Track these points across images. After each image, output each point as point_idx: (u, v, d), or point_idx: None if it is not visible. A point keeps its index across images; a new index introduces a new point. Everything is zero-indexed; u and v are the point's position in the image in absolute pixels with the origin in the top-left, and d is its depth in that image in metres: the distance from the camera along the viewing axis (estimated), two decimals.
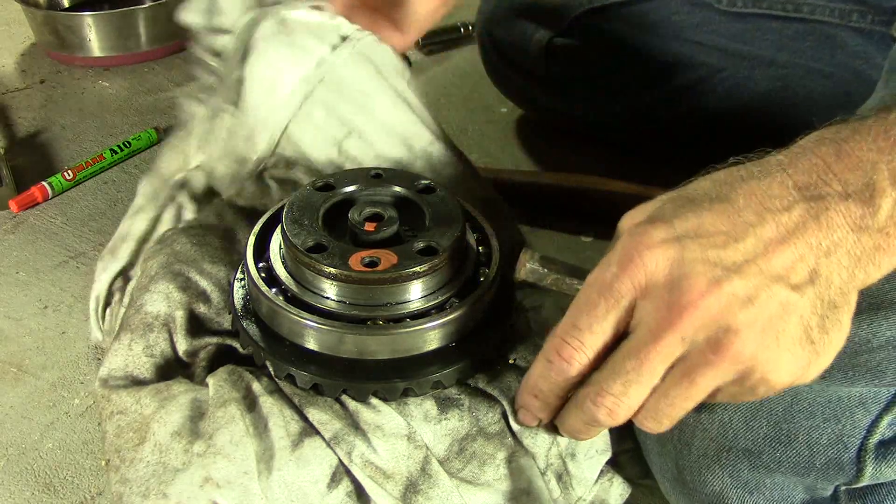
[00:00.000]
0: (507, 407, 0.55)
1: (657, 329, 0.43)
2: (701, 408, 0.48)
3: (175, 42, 1.39)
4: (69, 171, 1.06)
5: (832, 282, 0.43)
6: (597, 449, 0.56)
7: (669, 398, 0.45)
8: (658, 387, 0.45)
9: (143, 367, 0.57)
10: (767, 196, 0.44)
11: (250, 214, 0.66)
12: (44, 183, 1.04)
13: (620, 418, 0.46)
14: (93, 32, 1.31)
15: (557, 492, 0.55)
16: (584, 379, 0.47)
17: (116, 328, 0.61)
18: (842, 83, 0.94)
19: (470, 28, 1.41)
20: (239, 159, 0.70)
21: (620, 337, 0.46)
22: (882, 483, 0.50)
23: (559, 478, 0.55)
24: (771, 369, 0.43)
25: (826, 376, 0.46)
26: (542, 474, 0.54)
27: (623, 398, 0.45)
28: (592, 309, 0.45)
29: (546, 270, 0.50)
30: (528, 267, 0.50)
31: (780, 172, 0.44)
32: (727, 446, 0.51)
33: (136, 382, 0.56)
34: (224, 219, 0.67)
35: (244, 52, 0.70)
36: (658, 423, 0.46)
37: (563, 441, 0.55)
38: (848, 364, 0.48)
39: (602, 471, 0.57)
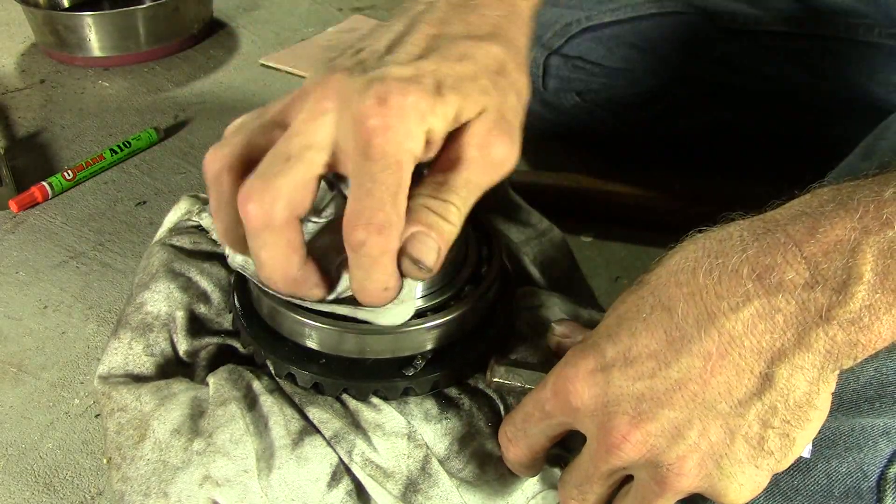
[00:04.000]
0: (506, 407, 0.55)
1: (594, 458, 0.44)
2: None
3: (175, 42, 1.39)
4: (69, 171, 1.06)
5: (794, 385, 0.39)
6: None
7: None
8: (624, 502, 0.45)
9: (144, 365, 0.57)
10: (715, 294, 0.39)
11: None
12: (44, 183, 1.04)
13: None
14: (93, 32, 1.31)
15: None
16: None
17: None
18: (844, 98, 0.93)
19: None
20: None
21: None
22: None
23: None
24: (721, 493, 0.41)
25: (853, 408, 0.45)
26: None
27: (583, 502, 0.47)
28: (527, 417, 0.47)
29: (512, 382, 0.52)
30: (495, 383, 0.52)
31: (738, 255, 0.39)
32: None
33: (137, 380, 0.56)
34: None
35: None
36: None
37: None
38: (875, 396, 0.47)
39: None
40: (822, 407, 0.40)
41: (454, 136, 0.45)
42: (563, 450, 0.53)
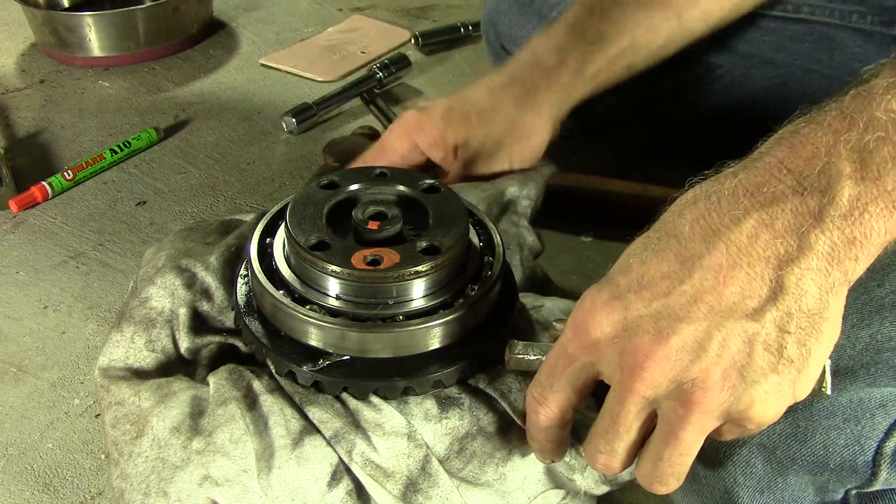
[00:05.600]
0: (507, 407, 0.55)
1: (619, 392, 0.44)
2: None
3: (175, 42, 1.39)
4: (69, 171, 1.06)
5: (804, 289, 0.40)
6: None
7: (665, 459, 0.44)
8: (649, 449, 0.45)
9: (145, 360, 0.57)
10: (717, 213, 0.42)
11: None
12: (44, 183, 1.04)
13: (618, 469, 0.47)
14: (93, 32, 1.31)
15: (570, 462, 0.55)
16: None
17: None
18: (840, 84, 0.94)
19: (470, 28, 1.42)
20: None
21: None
22: (894, 489, 0.49)
23: (574, 449, 0.55)
24: (747, 407, 0.42)
25: (849, 374, 0.46)
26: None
27: (612, 454, 0.47)
28: (552, 370, 0.47)
29: (532, 357, 0.52)
30: (514, 359, 0.52)
31: (731, 180, 0.42)
32: (742, 441, 0.51)
33: (137, 374, 0.56)
34: (234, 220, 0.67)
35: None
36: (666, 485, 0.46)
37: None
38: (871, 361, 0.48)
39: None
40: (834, 321, 0.41)
41: None
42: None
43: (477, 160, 0.78)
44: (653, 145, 1.08)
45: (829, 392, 0.44)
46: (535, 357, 0.51)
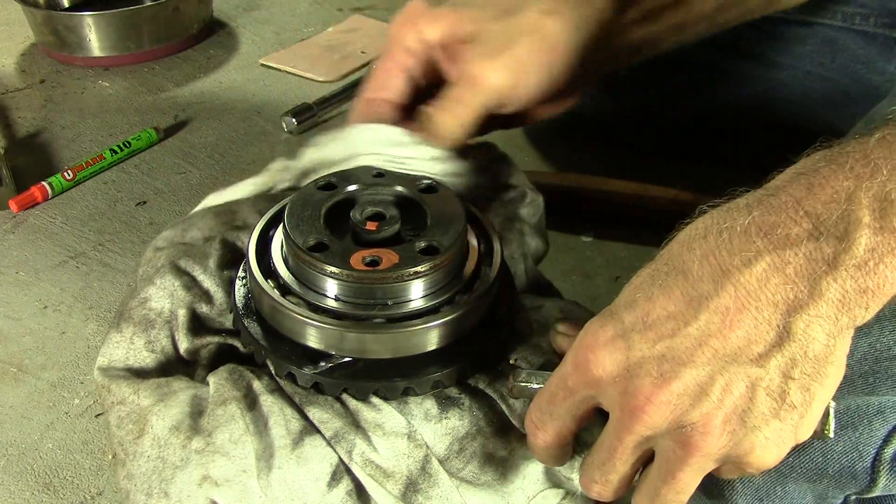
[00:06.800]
0: (505, 409, 0.55)
1: (617, 429, 0.44)
2: None
3: (175, 42, 1.39)
4: (69, 171, 1.06)
5: (812, 336, 0.40)
6: None
7: (661, 496, 0.44)
8: (647, 483, 0.45)
9: (144, 361, 0.57)
10: (727, 252, 0.41)
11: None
12: (44, 183, 1.04)
13: (611, 497, 0.47)
14: (93, 32, 1.31)
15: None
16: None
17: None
18: (841, 86, 0.94)
19: None
20: None
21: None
22: (893, 495, 0.49)
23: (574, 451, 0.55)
24: (747, 452, 0.42)
25: (848, 383, 0.45)
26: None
27: (606, 484, 0.47)
28: (552, 398, 0.47)
29: (535, 386, 0.52)
30: (517, 387, 0.52)
31: (745, 217, 0.41)
32: None
33: (137, 374, 0.56)
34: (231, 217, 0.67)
35: None
36: None
37: None
38: (869, 371, 0.47)
39: None
40: (839, 363, 0.41)
41: None
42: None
43: (484, 60, 0.65)
44: (653, 145, 1.08)
45: (831, 435, 0.44)
46: (538, 386, 0.51)
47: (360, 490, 0.52)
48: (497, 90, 0.62)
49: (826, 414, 0.43)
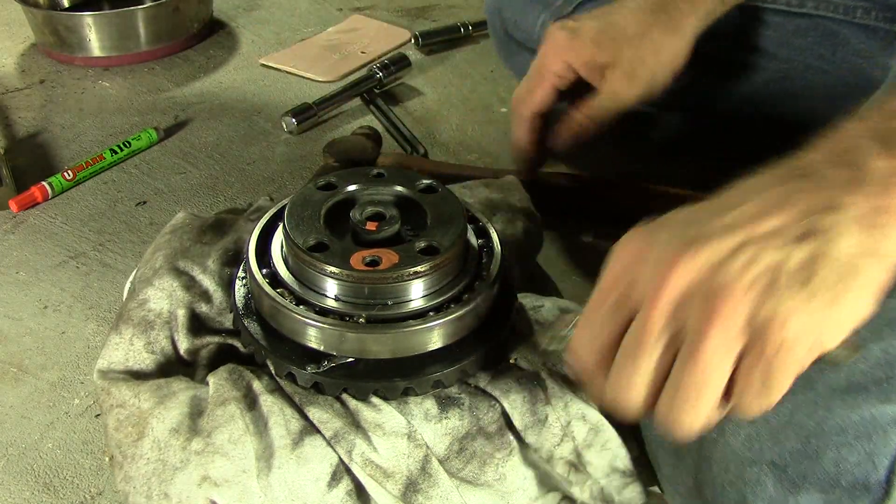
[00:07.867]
0: (507, 406, 0.55)
1: (646, 308, 0.43)
2: (724, 422, 0.47)
3: (175, 42, 1.39)
4: (69, 171, 1.06)
5: (838, 242, 0.41)
6: (611, 445, 0.56)
7: (682, 389, 0.43)
8: (670, 379, 0.44)
9: (144, 362, 0.57)
10: (754, 184, 0.44)
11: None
12: (44, 183, 1.04)
13: (637, 407, 0.46)
14: (93, 32, 1.31)
15: (569, 478, 0.55)
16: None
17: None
18: (842, 80, 0.93)
19: (470, 28, 1.41)
20: None
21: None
22: None
23: (573, 467, 0.55)
24: (770, 318, 0.41)
25: (861, 391, 0.45)
26: (547, 461, 0.54)
27: (630, 388, 0.45)
28: (597, 301, 0.47)
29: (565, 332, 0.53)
30: (556, 337, 0.54)
31: (766, 172, 0.45)
32: (752, 460, 0.49)
33: (137, 376, 0.56)
34: (229, 217, 0.67)
35: None
36: (680, 424, 0.44)
37: (578, 435, 0.55)
38: (883, 377, 0.47)
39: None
40: (869, 286, 0.42)
41: None
42: None
43: (623, 79, 0.84)
44: (653, 143, 1.08)
45: (857, 353, 0.44)
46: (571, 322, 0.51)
47: (360, 490, 0.52)
48: (633, 100, 0.85)
49: (855, 335, 0.43)
